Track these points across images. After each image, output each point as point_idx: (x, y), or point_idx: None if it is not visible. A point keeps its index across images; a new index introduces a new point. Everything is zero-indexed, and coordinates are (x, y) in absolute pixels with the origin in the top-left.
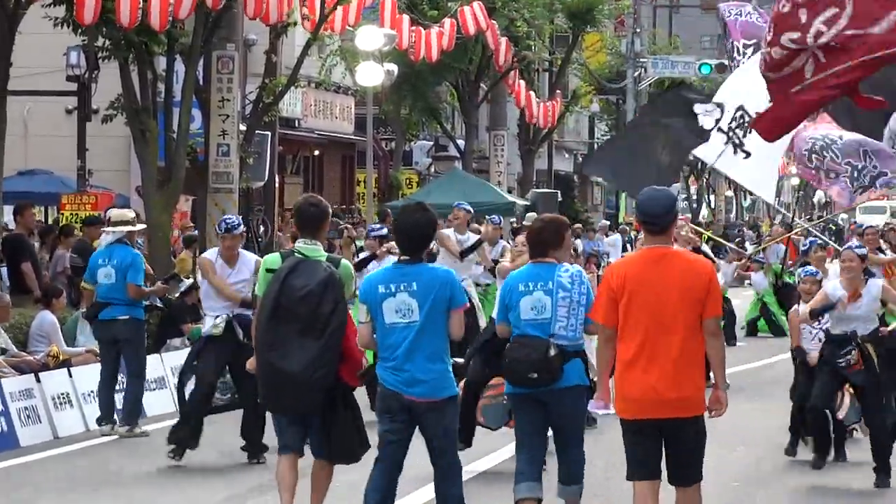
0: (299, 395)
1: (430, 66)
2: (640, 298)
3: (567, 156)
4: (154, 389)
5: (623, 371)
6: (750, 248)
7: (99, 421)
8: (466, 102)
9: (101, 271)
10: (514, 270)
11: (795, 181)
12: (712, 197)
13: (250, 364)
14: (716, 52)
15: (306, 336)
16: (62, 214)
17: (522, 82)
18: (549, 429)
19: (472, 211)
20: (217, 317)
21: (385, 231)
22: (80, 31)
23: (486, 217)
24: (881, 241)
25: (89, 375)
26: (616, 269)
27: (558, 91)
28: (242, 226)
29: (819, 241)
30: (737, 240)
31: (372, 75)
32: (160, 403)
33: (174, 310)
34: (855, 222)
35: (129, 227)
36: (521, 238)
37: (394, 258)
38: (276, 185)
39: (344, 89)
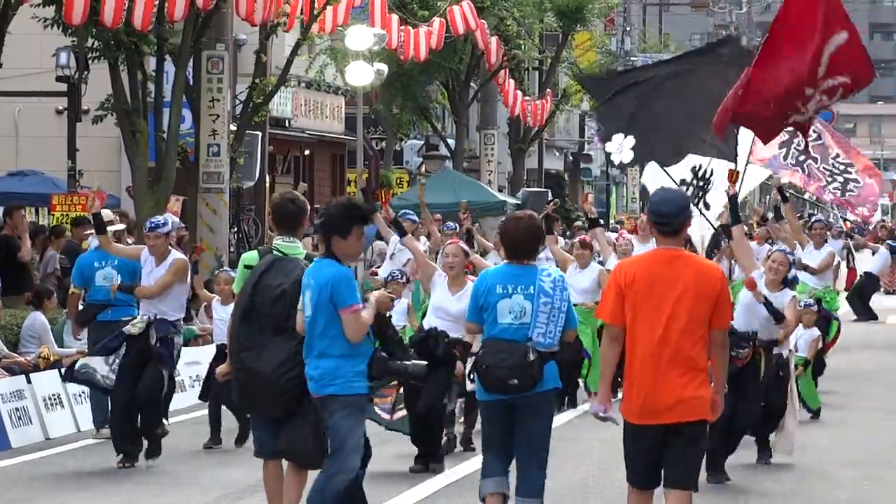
0: (272, 397)
1: (419, 66)
2: (649, 299)
3: (557, 154)
4: None
5: (629, 372)
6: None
7: (98, 426)
8: (457, 102)
9: (99, 273)
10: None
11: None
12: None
13: (222, 370)
14: None
15: (279, 336)
16: (53, 215)
17: (512, 81)
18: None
19: (416, 221)
20: (143, 315)
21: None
22: (69, 31)
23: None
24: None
25: None
26: (626, 267)
27: (548, 90)
28: (167, 226)
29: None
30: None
31: (362, 75)
32: None
33: None
34: (845, 219)
35: (117, 227)
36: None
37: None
38: (267, 184)
39: (334, 89)
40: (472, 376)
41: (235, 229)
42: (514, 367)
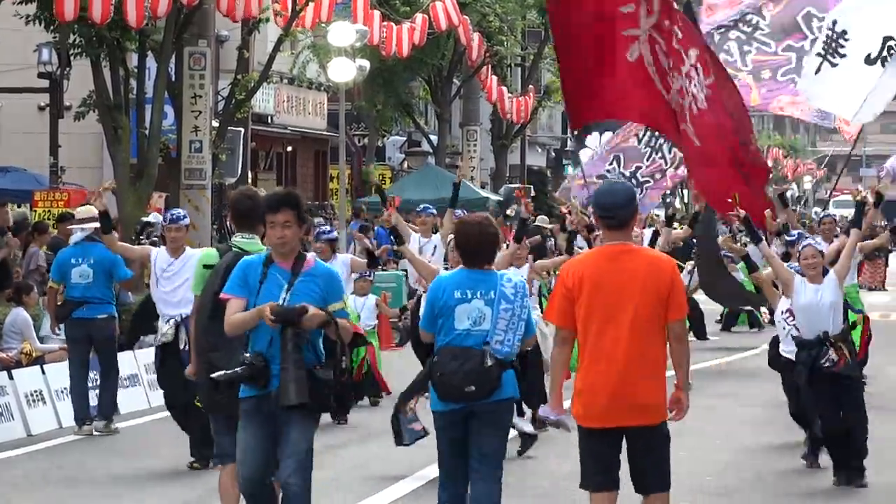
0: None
1: (402, 62)
2: (597, 299)
3: (540, 151)
4: (127, 387)
5: (582, 376)
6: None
7: (80, 422)
8: (439, 98)
9: (76, 270)
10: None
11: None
12: (685, 191)
13: (190, 370)
14: None
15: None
16: (35, 211)
17: (495, 77)
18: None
19: (435, 213)
20: (168, 320)
21: (335, 234)
22: (52, 28)
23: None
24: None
25: (63, 373)
26: (572, 267)
27: (531, 86)
28: (187, 219)
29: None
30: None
31: (344, 71)
32: (133, 401)
33: (148, 306)
34: (828, 216)
35: (96, 224)
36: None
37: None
38: (249, 181)
39: (316, 85)
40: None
41: (217, 225)
42: (471, 372)
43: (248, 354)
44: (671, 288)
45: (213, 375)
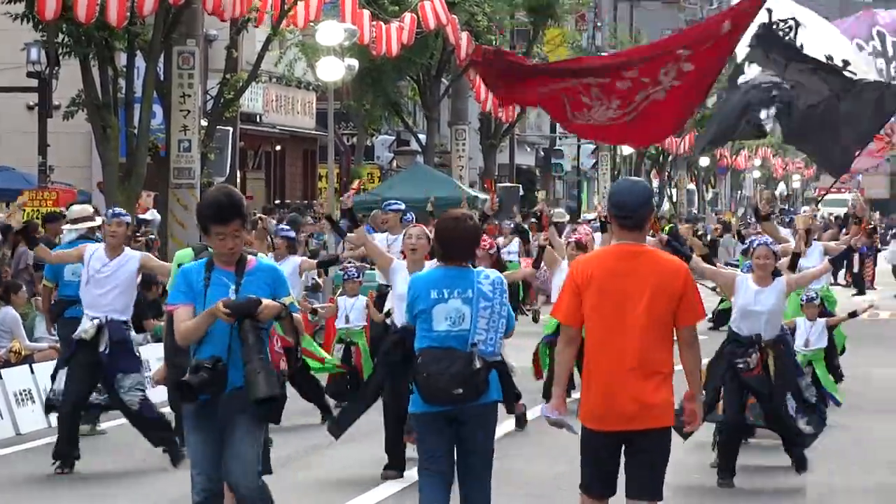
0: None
1: (391, 61)
2: (607, 298)
3: (529, 150)
4: None
5: (588, 377)
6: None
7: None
8: (428, 97)
9: (68, 269)
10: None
11: (757, 174)
12: (674, 190)
13: (158, 375)
14: None
15: None
16: (24, 211)
17: None
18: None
19: (402, 208)
20: (93, 319)
21: (293, 234)
22: (40, 27)
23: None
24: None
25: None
26: (583, 264)
27: None
28: (128, 216)
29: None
30: (699, 233)
31: (333, 70)
32: None
33: (136, 306)
34: (815, 216)
35: (91, 223)
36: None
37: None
38: (238, 180)
39: (305, 84)
40: (411, 387)
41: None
42: (458, 374)
43: (203, 359)
44: (683, 292)
45: (183, 380)
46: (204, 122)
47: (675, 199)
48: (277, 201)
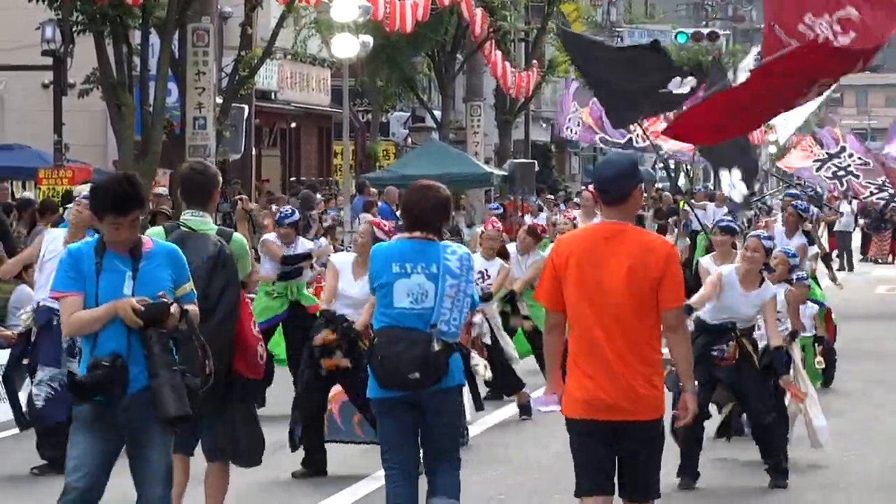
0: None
1: (405, 38)
2: (585, 281)
3: (544, 126)
4: None
5: (570, 364)
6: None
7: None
8: (443, 73)
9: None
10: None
11: (773, 149)
12: (689, 166)
13: None
14: (692, 21)
15: None
16: (39, 189)
17: (499, 52)
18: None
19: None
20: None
21: (297, 217)
22: (54, 5)
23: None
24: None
25: None
26: (561, 245)
27: (535, 61)
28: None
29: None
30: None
31: (347, 47)
32: None
33: None
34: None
35: None
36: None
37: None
38: (253, 157)
39: (320, 61)
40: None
41: (222, 202)
42: (416, 358)
43: (101, 356)
44: (664, 273)
45: (77, 379)
46: (219, 100)
47: (691, 175)
48: (293, 178)
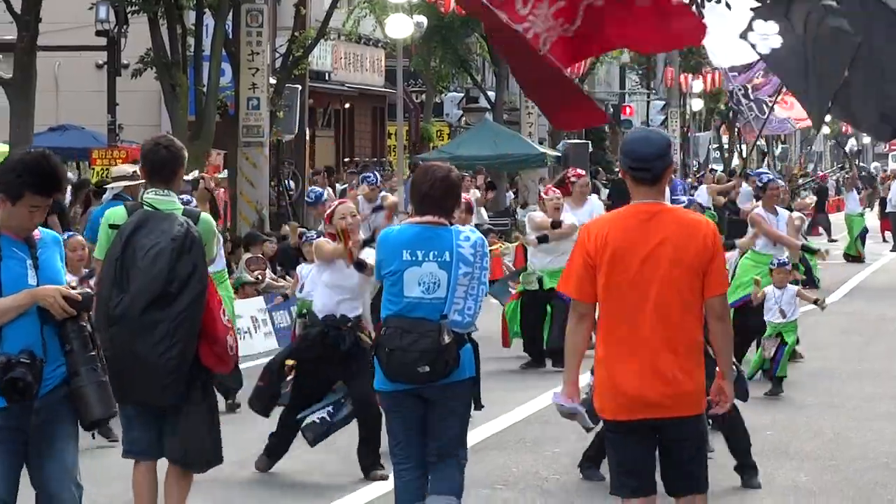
0: (149, 381)
1: (459, 18)
2: (623, 268)
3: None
4: None
5: (604, 360)
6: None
7: None
8: (496, 54)
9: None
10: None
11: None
12: (743, 146)
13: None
14: None
15: (156, 307)
16: (93, 169)
17: None
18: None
19: (374, 183)
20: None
21: (325, 196)
22: None
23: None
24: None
25: None
26: (595, 229)
27: None
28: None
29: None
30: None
31: (401, 27)
32: None
33: None
34: (886, 170)
35: (126, 182)
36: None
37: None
38: (307, 138)
39: (374, 42)
40: (372, 361)
41: (275, 183)
42: (427, 351)
43: (13, 354)
44: (711, 258)
45: (13, 376)
46: (273, 80)
47: (745, 156)
48: (346, 159)
